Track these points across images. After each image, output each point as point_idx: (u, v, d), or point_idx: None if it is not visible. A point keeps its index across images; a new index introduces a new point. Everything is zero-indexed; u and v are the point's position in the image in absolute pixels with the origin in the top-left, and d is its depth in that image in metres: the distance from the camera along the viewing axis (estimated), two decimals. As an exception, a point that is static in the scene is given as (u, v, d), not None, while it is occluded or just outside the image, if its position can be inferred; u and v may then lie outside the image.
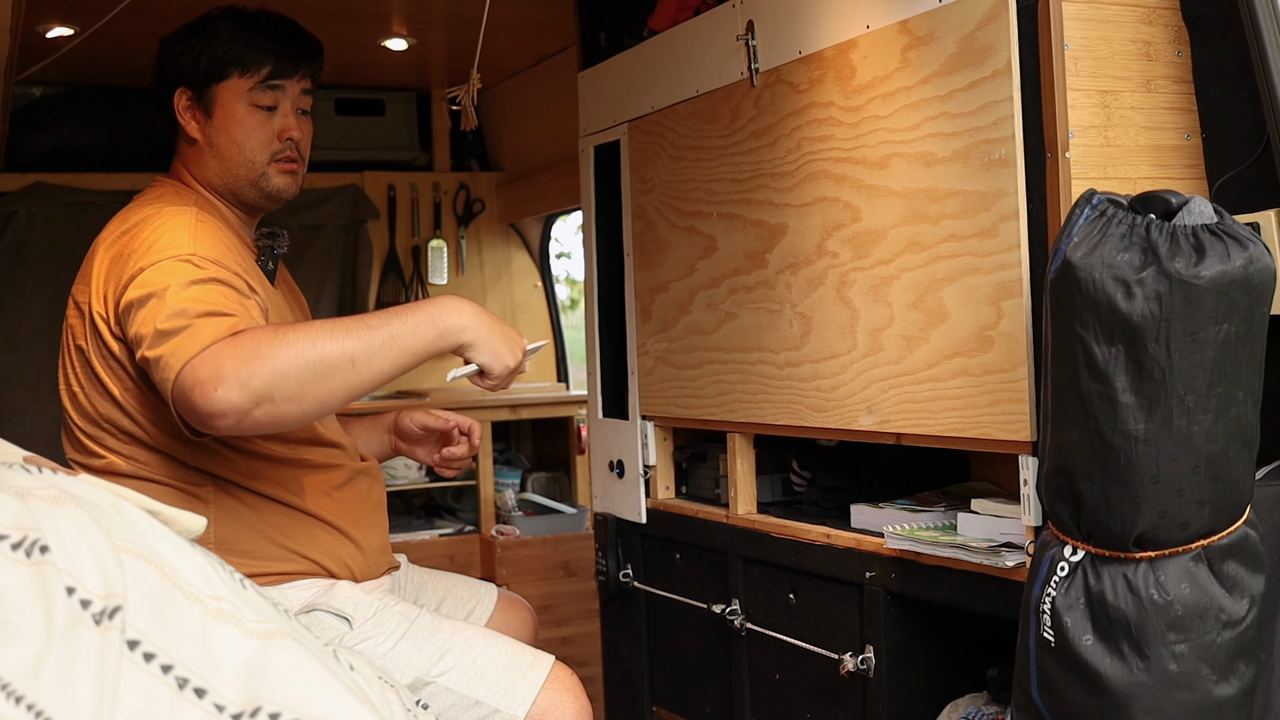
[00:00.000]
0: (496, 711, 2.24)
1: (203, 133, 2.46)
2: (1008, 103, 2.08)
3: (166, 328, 2.08)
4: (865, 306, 2.41)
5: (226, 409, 2.00)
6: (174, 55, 2.48)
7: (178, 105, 2.46)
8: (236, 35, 2.46)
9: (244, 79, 2.45)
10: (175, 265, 2.16)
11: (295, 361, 2.02)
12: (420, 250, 5.37)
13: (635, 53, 3.17)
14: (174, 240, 2.21)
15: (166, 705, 1.08)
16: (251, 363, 2.01)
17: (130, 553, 1.17)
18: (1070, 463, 1.80)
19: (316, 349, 2.04)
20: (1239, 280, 1.70)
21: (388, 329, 2.09)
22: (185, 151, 2.50)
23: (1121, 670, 1.77)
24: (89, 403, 2.31)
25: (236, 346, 2.03)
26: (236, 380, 2.00)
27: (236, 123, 2.45)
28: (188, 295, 2.11)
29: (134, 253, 2.21)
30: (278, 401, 2.02)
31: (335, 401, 2.09)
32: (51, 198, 4.83)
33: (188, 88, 2.46)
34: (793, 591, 2.69)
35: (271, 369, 2.01)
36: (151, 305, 2.12)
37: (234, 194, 2.49)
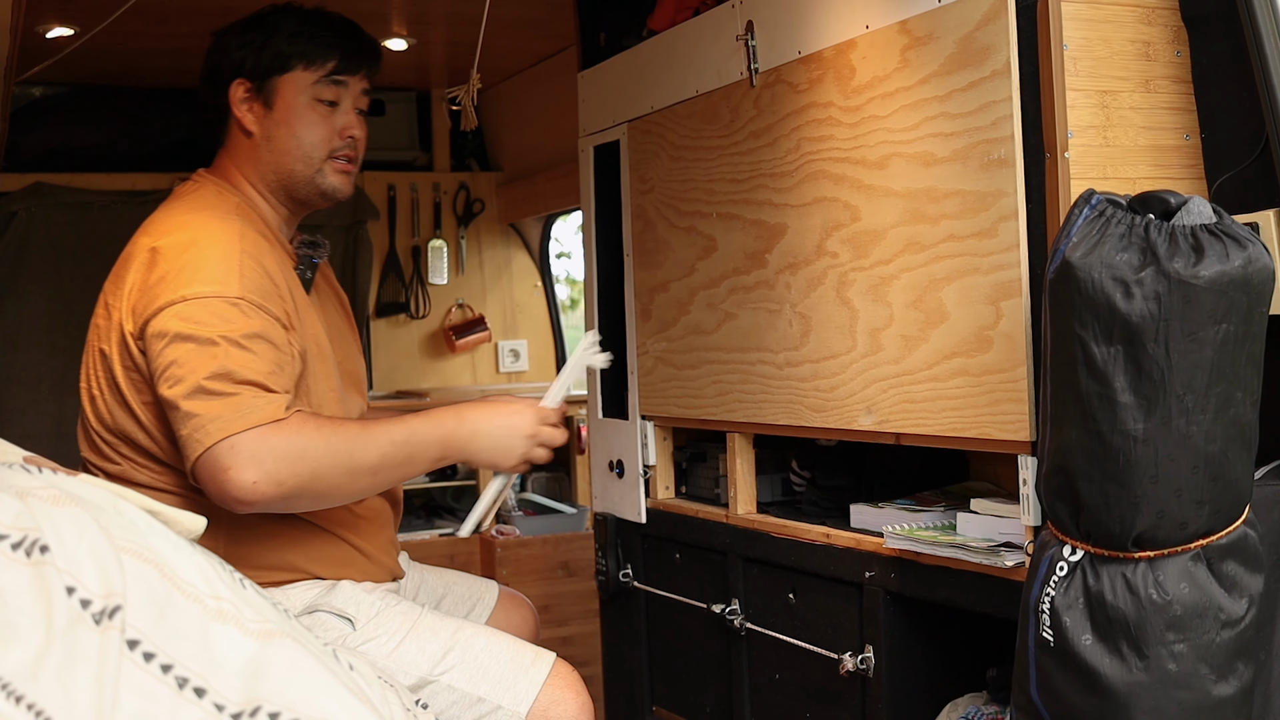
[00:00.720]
0: (499, 708, 2.24)
1: (260, 125, 2.43)
2: (1007, 103, 2.08)
3: (210, 388, 2.10)
4: (865, 306, 2.41)
5: (254, 499, 2.09)
6: (231, 48, 2.45)
7: (234, 96, 2.43)
8: (300, 29, 2.44)
9: (308, 72, 2.43)
10: (223, 308, 2.15)
11: (331, 467, 2.14)
12: (420, 250, 5.37)
13: (635, 53, 3.17)
14: (222, 273, 2.19)
15: (166, 705, 1.08)
16: (294, 462, 2.09)
17: (130, 552, 1.17)
18: (1069, 462, 1.80)
19: (353, 458, 2.16)
20: (1238, 280, 1.70)
21: (408, 448, 2.24)
22: (237, 145, 2.46)
23: (1120, 670, 1.77)
24: (106, 409, 2.30)
25: (282, 440, 2.10)
26: (275, 477, 2.09)
27: (298, 116, 2.43)
28: (235, 358, 2.12)
29: (176, 274, 2.18)
30: (303, 499, 2.15)
31: (349, 499, 2.29)
32: (51, 198, 4.83)
33: (246, 79, 2.43)
34: (792, 591, 2.69)
35: (309, 471, 2.11)
36: (192, 351, 2.12)
37: (286, 190, 2.46)
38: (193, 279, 2.17)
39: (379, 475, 2.22)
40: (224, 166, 2.47)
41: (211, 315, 2.15)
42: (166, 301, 2.16)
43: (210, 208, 2.35)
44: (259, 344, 2.16)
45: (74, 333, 4.84)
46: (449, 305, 5.44)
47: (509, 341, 5.51)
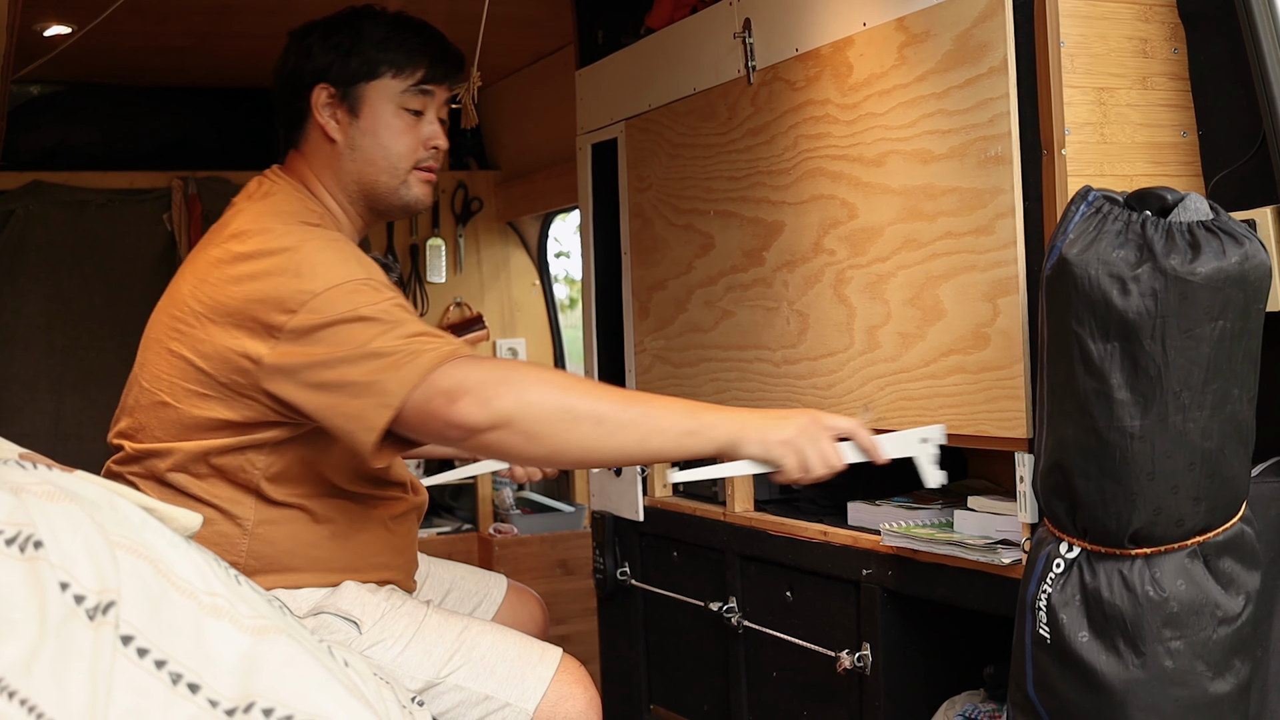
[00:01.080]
0: (507, 705, 2.23)
1: (345, 133, 2.35)
2: (1004, 100, 2.08)
3: (380, 350, 2.02)
4: (862, 304, 2.41)
5: (463, 421, 1.98)
6: (314, 50, 2.36)
7: (316, 101, 2.34)
8: (390, 36, 2.36)
9: (396, 80, 2.35)
10: (357, 290, 2.09)
11: (543, 398, 1.99)
12: (418, 249, 5.37)
13: (632, 51, 3.17)
14: (341, 261, 2.13)
15: (160, 700, 1.08)
16: (498, 384, 1.99)
17: (125, 548, 1.17)
18: (1066, 459, 1.80)
19: (567, 395, 2.00)
20: (1234, 277, 1.70)
21: (644, 406, 2.02)
22: (317, 151, 2.37)
23: (1117, 667, 1.77)
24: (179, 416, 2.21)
25: (480, 367, 2.01)
26: (480, 397, 1.97)
27: (385, 125, 2.35)
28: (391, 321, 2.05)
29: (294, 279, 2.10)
30: (515, 431, 1.98)
31: (569, 454, 2.03)
32: (49, 196, 4.83)
33: (331, 84, 2.34)
34: (790, 589, 2.69)
35: (518, 397, 1.98)
36: (343, 331, 2.05)
37: (366, 200, 2.39)
38: (316, 276, 2.11)
39: (606, 428, 1.99)
40: (300, 171, 2.39)
41: (350, 299, 2.08)
42: (298, 303, 2.09)
43: (298, 217, 2.28)
44: (404, 311, 2.10)
45: (72, 331, 4.88)
46: (447, 304, 5.44)
47: (507, 340, 5.51)
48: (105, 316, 4.88)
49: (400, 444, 2.10)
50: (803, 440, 2.02)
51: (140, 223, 4.92)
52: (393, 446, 2.09)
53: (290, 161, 2.42)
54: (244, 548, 2.25)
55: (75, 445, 4.83)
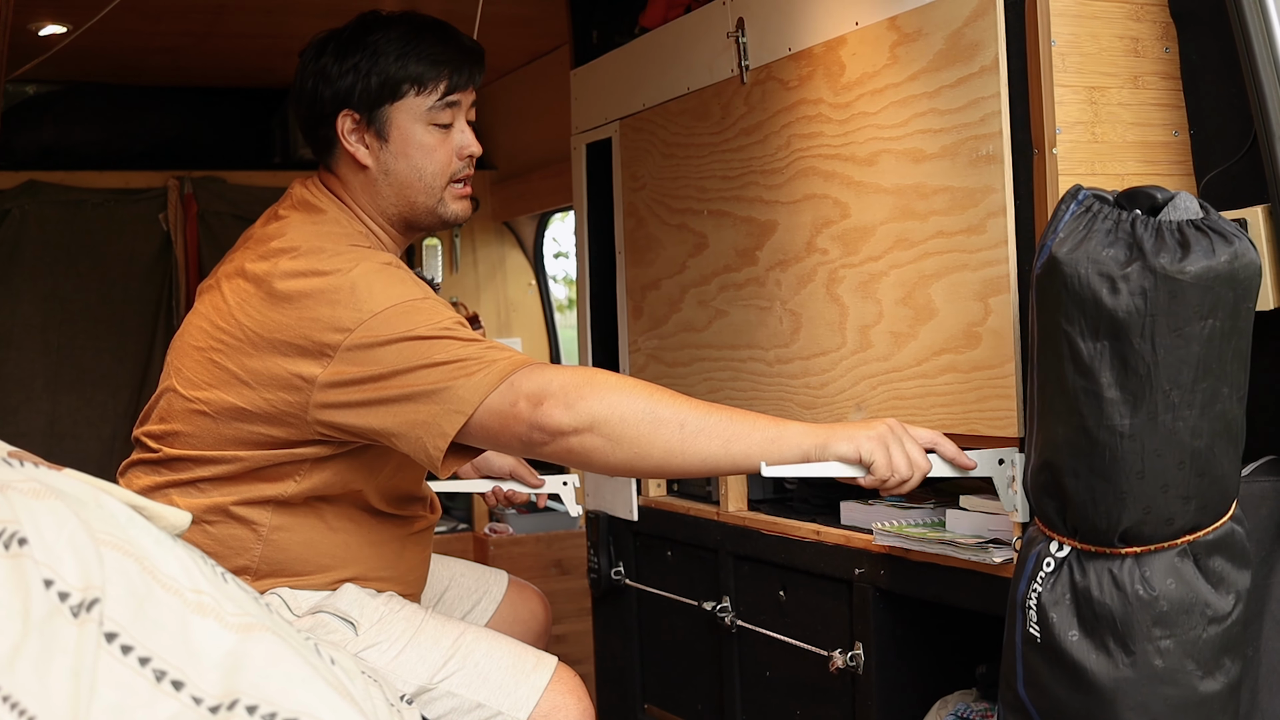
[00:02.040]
0: (499, 714, 2.23)
1: (376, 158, 2.28)
2: (995, 99, 2.08)
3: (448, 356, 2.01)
4: (854, 303, 2.41)
5: (548, 424, 1.97)
6: (332, 75, 2.28)
7: (342, 130, 2.28)
8: (406, 49, 2.27)
9: (421, 97, 2.28)
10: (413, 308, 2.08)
11: (625, 401, 1.98)
12: (415, 248, 5.37)
13: (626, 50, 3.17)
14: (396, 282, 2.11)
15: (144, 697, 1.08)
16: (581, 387, 1.98)
17: (110, 545, 1.17)
18: (1056, 458, 1.80)
19: (651, 400, 1.99)
20: (1224, 275, 1.70)
21: (726, 413, 2.01)
22: (350, 176, 2.31)
23: (1107, 666, 1.77)
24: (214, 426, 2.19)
25: (561, 371, 2.00)
26: (564, 399, 1.97)
27: (416, 146, 2.29)
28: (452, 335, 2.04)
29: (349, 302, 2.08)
30: (599, 435, 1.98)
31: (652, 458, 2.00)
32: (45, 196, 4.84)
33: (355, 110, 2.27)
34: (783, 589, 2.69)
35: (602, 400, 1.98)
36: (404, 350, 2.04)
37: (406, 221, 2.34)
38: (373, 296, 2.08)
39: (688, 432, 1.97)
40: (339, 191, 2.33)
41: (410, 318, 2.07)
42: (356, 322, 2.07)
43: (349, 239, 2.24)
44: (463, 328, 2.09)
45: (67, 331, 4.88)
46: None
47: (503, 339, 5.51)
48: (101, 316, 4.89)
49: (465, 452, 2.09)
50: (890, 440, 2.01)
51: (136, 222, 4.93)
52: (457, 455, 2.08)
53: (327, 179, 2.35)
54: (257, 552, 2.25)
55: (71, 444, 4.83)
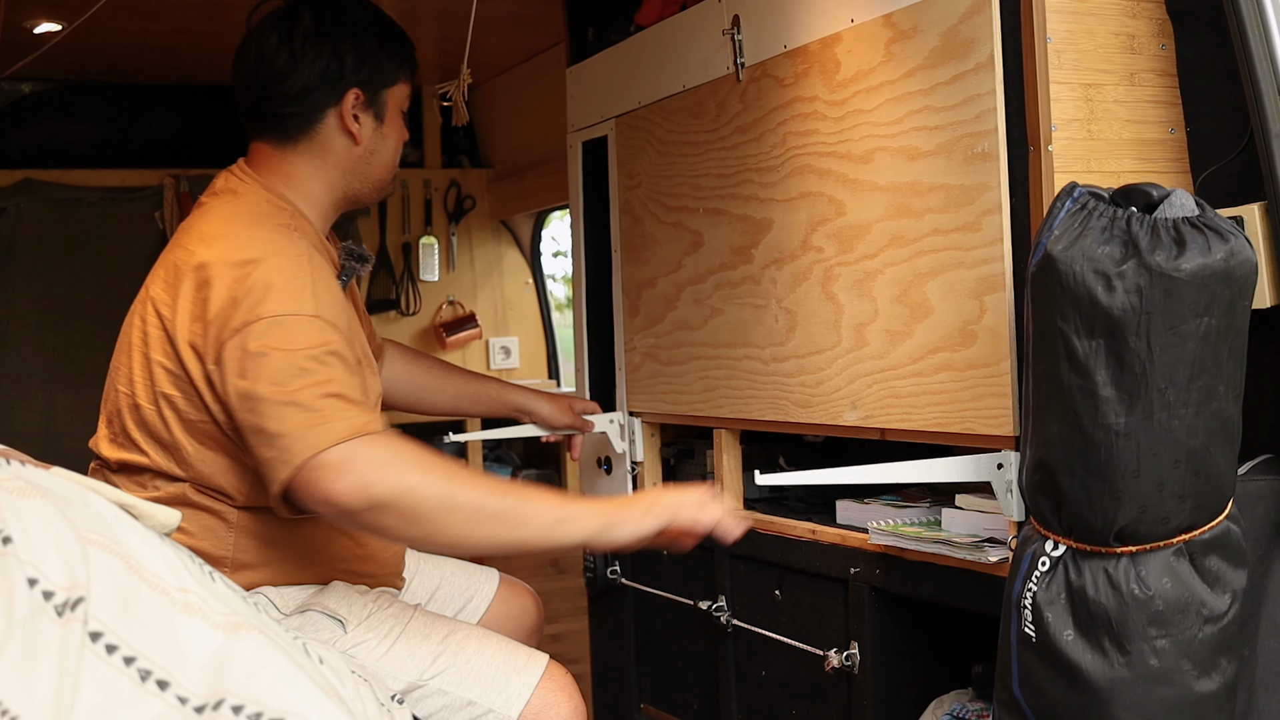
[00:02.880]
0: (490, 711, 2.22)
1: (370, 137, 2.38)
2: (990, 96, 2.07)
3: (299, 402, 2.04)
4: (850, 301, 2.40)
5: (338, 502, 2.01)
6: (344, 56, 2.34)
7: (346, 104, 2.34)
8: (395, 41, 2.41)
9: (404, 85, 2.43)
10: (303, 326, 2.10)
11: (422, 485, 2.02)
12: (411, 247, 5.36)
13: (622, 48, 3.16)
14: (296, 291, 2.13)
15: (128, 697, 1.07)
16: (381, 468, 2.01)
17: (96, 544, 1.16)
18: (1051, 457, 1.79)
19: (447, 484, 2.04)
20: (1220, 273, 1.69)
21: (517, 497, 2.08)
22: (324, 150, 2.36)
23: (1102, 665, 1.76)
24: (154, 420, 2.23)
25: (373, 447, 2.03)
26: (360, 481, 2.00)
27: (397, 128, 2.44)
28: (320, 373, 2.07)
29: (247, 296, 2.11)
30: (392, 515, 2.02)
31: (443, 538, 2.07)
32: (40, 194, 4.82)
33: (362, 90, 2.35)
34: (778, 588, 2.68)
35: (398, 482, 2.01)
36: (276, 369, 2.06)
37: (356, 199, 2.43)
38: (268, 298, 2.10)
39: (480, 519, 2.05)
40: (283, 170, 2.37)
41: (292, 334, 2.09)
42: (242, 323, 2.09)
43: (268, 221, 2.26)
44: (338, 361, 2.11)
45: (63, 329, 4.86)
46: (440, 302, 5.43)
47: (500, 338, 5.50)
48: (97, 314, 4.87)
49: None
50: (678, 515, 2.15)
51: (132, 221, 4.91)
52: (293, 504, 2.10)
53: (265, 158, 2.38)
54: (230, 541, 2.25)
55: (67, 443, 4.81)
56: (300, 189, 2.36)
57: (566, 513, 2.10)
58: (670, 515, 2.13)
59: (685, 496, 2.18)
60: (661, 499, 2.16)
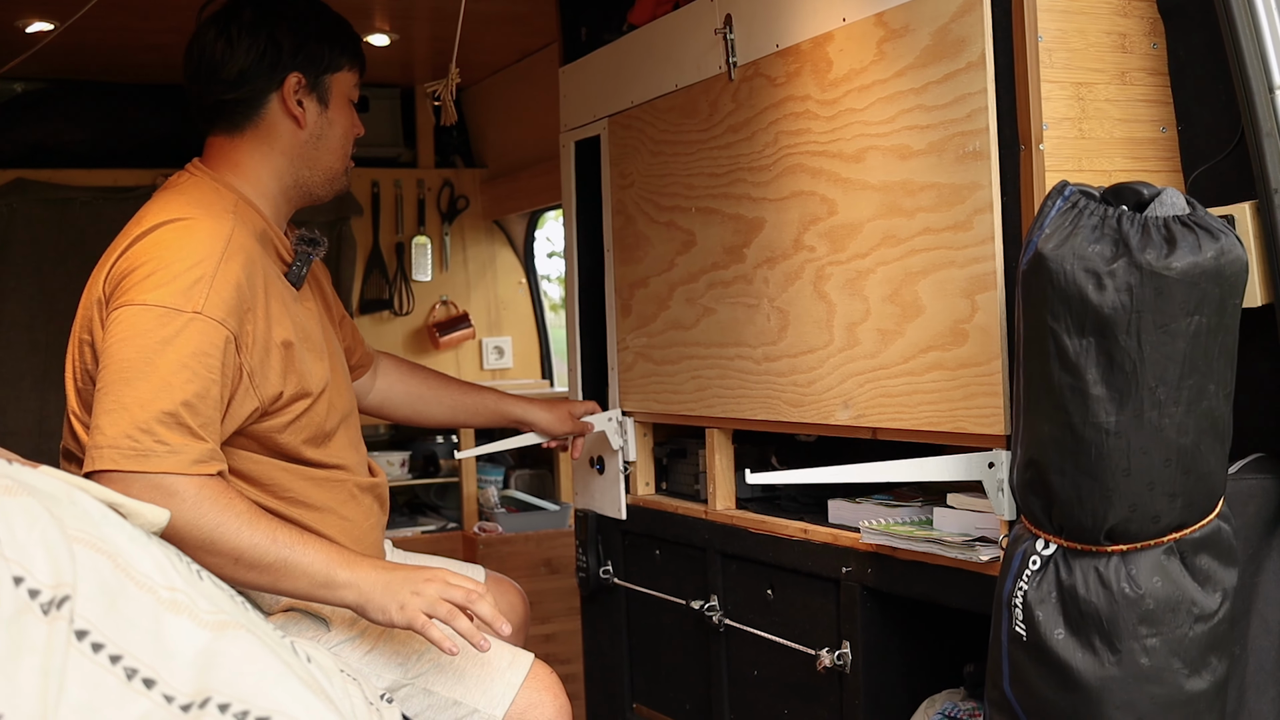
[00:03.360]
0: (475, 711, 2.22)
1: (314, 121, 2.42)
2: (982, 95, 2.07)
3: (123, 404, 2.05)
4: (842, 300, 2.40)
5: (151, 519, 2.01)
6: (282, 42, 2.37)
7: (288, 88, 2.38)
8: (339, 31, 2.46)
9: (351, 73, 2.47)
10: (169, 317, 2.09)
11: (191, 524, 2.00)
12: (404, 247, 5.35)
13: (615, 48, 3.16)
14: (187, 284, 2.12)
15: (114, 695, 1.06)
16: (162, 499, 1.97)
17: (83, 543, 1.16)
18: (1041, 455, 1.79)
19: (217, 529, 2.03)
20: (1210, 271, 1.69)
21: (290, 552, 2.09)
22: (269, 136, 2.39)
23: (1093, 664, 1.76)
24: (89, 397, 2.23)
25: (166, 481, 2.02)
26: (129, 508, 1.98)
27: (345, 115, 2.46)
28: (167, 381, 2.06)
29: (143, 269, 2.13)
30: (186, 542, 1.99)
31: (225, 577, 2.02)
32: (33, 194, 4.81)
33: (303, 74, 2.39)
34: (770, 587, 2.68)
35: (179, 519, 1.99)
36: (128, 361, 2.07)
37: (308, 188, 2.45)
38: (155, 284, 2.11)
39: (240, 563, 2.06)
40: (232, 160, 2.39)
41: (154, 326, 2.09)
42: (126, 300, 2.12)
43: (204, 205, 2.27)
44: (197, 368, 2.09)
45: (55, 329, 4.85)
46: (433, 302, 5.42)
47: (493, 338, 5.50)
48: (89, 315, 4.85)
49: None
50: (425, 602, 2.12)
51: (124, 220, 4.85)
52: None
53: (215, 150, 2.41)
54: None
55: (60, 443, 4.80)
56: (248, 177, 2.39)
57: (333, 576, 2.10)
58: (427, 607, 2.10)
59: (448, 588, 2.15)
60: (427, 587, 2.13)
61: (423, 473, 5.14)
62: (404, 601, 2.10)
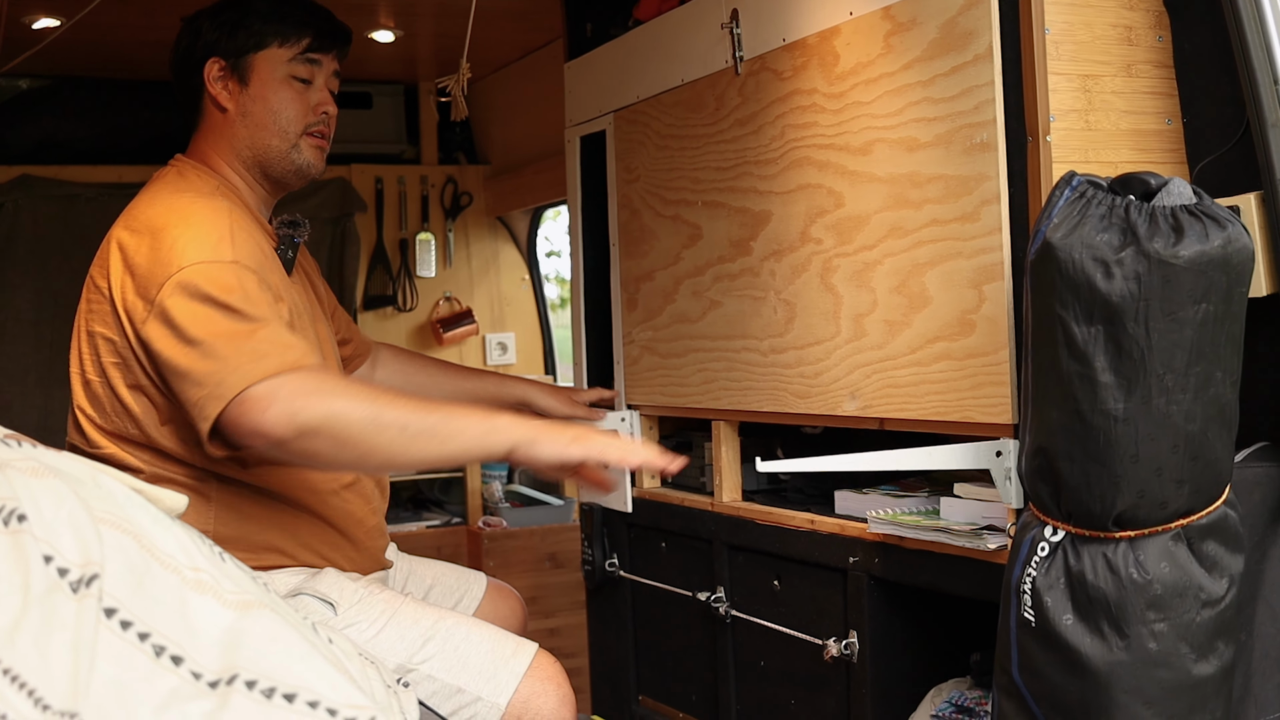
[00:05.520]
0: (479, 699, 2.23)
1: (236, 101, 2.46)
2: (989, 87, 2.09)
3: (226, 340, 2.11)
4: (848, 292, 2.41)
5: (268, 432, 2.07)
6: (203, 29, 2.48)
7: (209, 75, 2.46)
8: (274, 9, 2.48)
9: (284, 49, 2.47)
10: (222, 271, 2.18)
11: (350, 407, 2.08)
12: (408, 243, 5.36)
13: (621, 43, 3.17)
14: (215, 240, 2.22)
15: (143, 671, 1.08)
16: (308, 395, 2.08)
17: (108, 524, 1.17)
18: (1050, 443, 1.81)
19: (373, 405, 2.09)
20: (1217, 260, 1.71)
21: (444, 413, 2.12)
22: (213, 124, 2.49)
23: (1101, 649, 1.77)
24: (103, 392, 2.30)
25: (297, 378, 2.10)
26: (287, 409, 2.06)
27: (273, 91, 2.47)
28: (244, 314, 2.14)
29: (169, 249, 2.20)
30: (323, 439, 2.07)
31: (376, 458, 2.15)
32: (38, 190, 4.82)
33: (221, 58, 2.46)
34: (777, 578, 2.69)
35: (326, 407, 2.08)
36: (198, 314, 2.14)
37: (262, 167, 2.49)
38: (186, 251, 2.19)
39: (409, 435, 2.09)
40: (200, 150, 2.50)
41: (212, 280, 2.17)
42: (165, 277, 2.17)
43: (193, 190, 2.38)
44: (263, 303, 2.18)
45: (61, 325, 4.84)
46: (436, 298, 5.43)
47: (497, 334, 5.51)
48: (94, 311, 4.86)
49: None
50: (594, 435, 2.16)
51: (130, 217, 4.91)
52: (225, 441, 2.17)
53: (192, 144, 2.53)
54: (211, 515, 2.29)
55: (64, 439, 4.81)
56: (214, 166, 2.49)
57: (494, 424, 2.12)
58: (598, 450, 2.12)
59: (613, 438, 2.20)
60: (590, 434, 2.16)
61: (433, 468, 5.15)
62: (573, 436, 2.12)
